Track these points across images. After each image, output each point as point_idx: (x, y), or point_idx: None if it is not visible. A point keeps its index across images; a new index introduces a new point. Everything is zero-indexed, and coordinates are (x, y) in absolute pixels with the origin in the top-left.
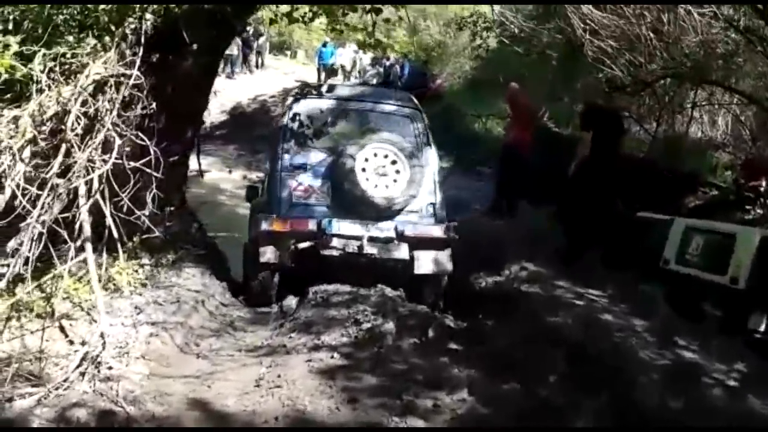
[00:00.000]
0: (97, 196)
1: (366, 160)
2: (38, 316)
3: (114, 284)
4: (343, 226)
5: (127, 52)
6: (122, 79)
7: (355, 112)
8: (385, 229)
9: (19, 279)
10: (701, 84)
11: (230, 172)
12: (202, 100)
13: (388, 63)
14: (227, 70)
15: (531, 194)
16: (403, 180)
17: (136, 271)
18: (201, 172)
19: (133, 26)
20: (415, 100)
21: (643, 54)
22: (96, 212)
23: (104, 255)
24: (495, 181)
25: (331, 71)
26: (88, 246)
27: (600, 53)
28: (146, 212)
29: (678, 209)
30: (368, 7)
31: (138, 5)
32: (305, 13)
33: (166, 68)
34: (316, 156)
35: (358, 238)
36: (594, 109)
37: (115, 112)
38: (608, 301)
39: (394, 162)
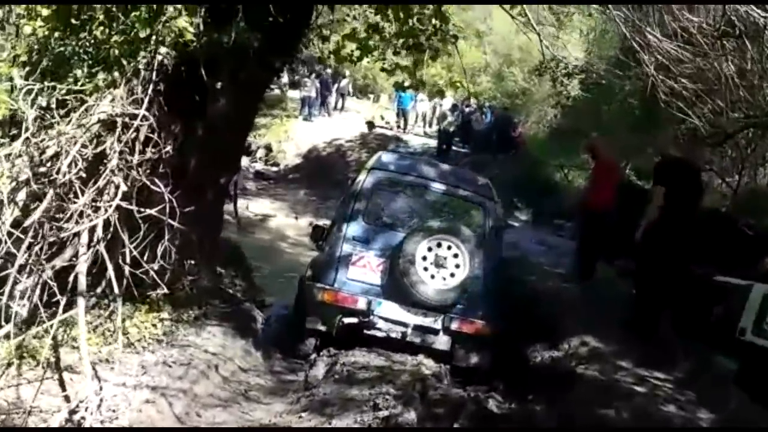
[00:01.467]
0: (101, 245)
1: (429, 249)
2: (40, 365)
3: (127, 338)
4: (391, 310)
5: (139, 89)
6: (129, 119)
7: (429, 193)
8: (433, 319)
9: (27, 323)
10: None
11: (296, 218)
12: (236, 144)
13: (467, 109)
14: (305, 112)
15: (609, 253)
16: (461, 275)
17: (155, 325)
18: (238, 220)
19: (146, 61)
20: (492, 189)
21: (724, 98)
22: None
23: (119, 305)
24: (577, 247)
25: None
26: (80, 301)
27: (673, 96)
28: (155, 265)
29: (757, 271)
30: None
31: (151, 39)
32: (352, 51)
33: (188, 108)
34: (382, 233)
35: (404, 325)
36: (670, 162)
37: (116, 154)
38: (674, 387)
39: (456, 255)
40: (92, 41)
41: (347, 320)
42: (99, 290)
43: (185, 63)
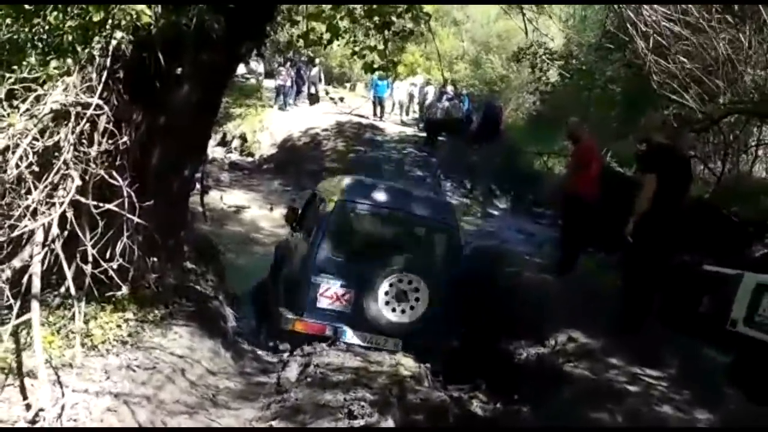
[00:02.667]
0: (57, 243)
1: (391, 285)
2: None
3: (91, 340)
4: (356, 337)
5: (93, 76)
6: (83, 108)
7: (394, 223)
8: (393, 343)
9: None
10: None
11: (271, 209)
12: (200, 133)
13: (444, 97)
14: (279, 101)
15: (594, 243)
16: (421, 307)
17: (119, 326)
18: (205, 213)
19: (100, 46)
20: (455, 215)
21: (722, 78)
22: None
23: (77, 306)
24: (560, 236)
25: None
26: (34, 304)
27: (667, 77)
28: (114, 264)
29: (745, 259)
30: (377, 22)
31: (106, 23)
32: (322, 34)
33: (149, 96)
34: (349, 264)
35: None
36: (659, 149)
37: (71, 146)
38: (668, 384)
39: (416, 289)
40: (46, 27)
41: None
42: (63, 289)
43: (145, 48)
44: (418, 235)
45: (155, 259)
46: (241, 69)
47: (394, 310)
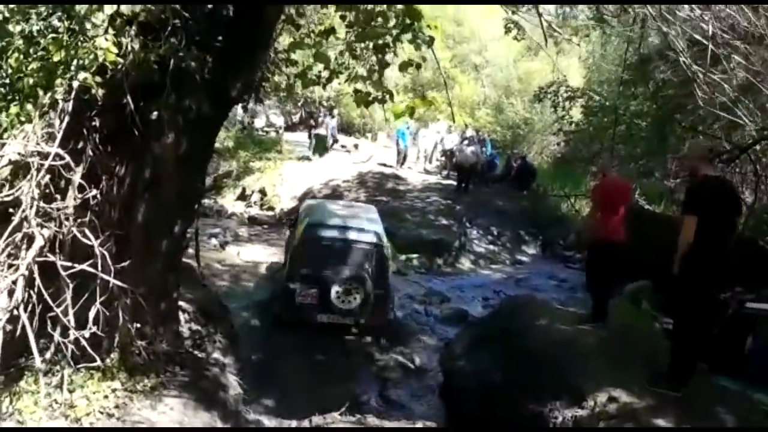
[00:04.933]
0: (20, 308)
1: (339, 287)
2: None
3: (74, 412)
4: (322, 317)
5: (57, 123)
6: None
7: (343, 244)
8: (348, 319)
9: None
10: None
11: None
12: (188, 186)
13: (465, 142)
14: (318, 149)
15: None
16: (360, 299)
17: (107, 396)
18: (202, 274)
19: (63, 89)
20: (382, 236)
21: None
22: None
23: (63, 375)
24: (586, 281)
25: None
26: None
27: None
28: (85, 333)
29: None
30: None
31: (71, 64)
32: (320, 72)
33: (128, 146)
34: (315, 275)
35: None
36: (707, 184)
37: (33, 201)
38: None
39: (356, 288)
40: (7, 72)
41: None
42: (48, 355)
43: (119, 93)
44: (358, 252)
45: (139, 325)
46: (260, 123)
47: (343, 302)
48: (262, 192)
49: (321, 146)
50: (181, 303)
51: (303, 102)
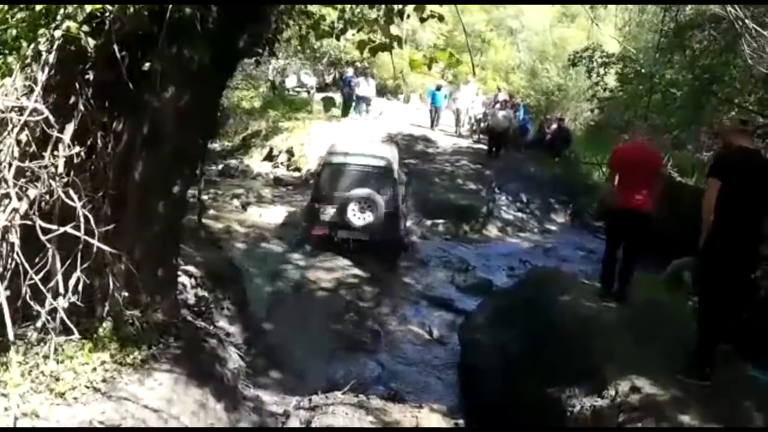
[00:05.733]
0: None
1: (356, 204)
2: None
3: (59, 386)
4: (343, 233)
5: (40, 75)
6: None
7: (359, 170)
8: (363, 234)
9: None
10: None
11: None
12: (189, 145)
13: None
14: (359, 109)
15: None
16: (373, 216)
17: (95, 369)
18: (201, 221)
19: (46, 39)
20: (392, 163)
21: None
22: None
23: (51, 344)
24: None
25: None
26: None
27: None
28: (64, 302)
29: None
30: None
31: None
32: (333, 22)
33: (124, 101)
34: (334, 195)
35: (350, 238)
36: (738, 153)
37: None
38: None
39: (369, 206)
40: None
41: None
42: (39, 324)
43: (113, 44)
44: (372, 175)
45: (132, 293)
46: (291, 83)
47: (359, 218)
48: (290, 152)
49: (359, 107)
50: (188, 267)
51: (336, 62)
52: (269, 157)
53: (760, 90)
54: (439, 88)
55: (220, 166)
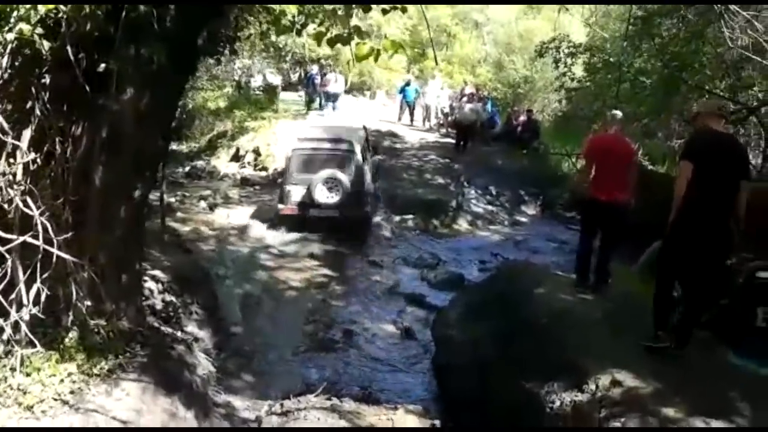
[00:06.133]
0: None
1: (323, 184)
2: None
3: (26, 399)
4: (313, 211)
5: None
6: None
7: (325, 153)
8: (332, 211)
9: None
10: None
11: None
12: (150, 147)
13: (464, 100)
14: (327, 106)
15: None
16: (340, 194)
17: (62, 380)
18: (164, 235)
19: None
20: (355, 145)
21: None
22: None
23: (18, 356)
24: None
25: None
26: None
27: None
28: (24, 314)
29: None
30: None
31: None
32: (294, 16)
33: (81, 104)
34: (304, 177)
35: (321, 215)
36: (710, 135)
37: None
38: None
39: (336, 185)
40: None
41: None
42: (5, 336)
43: (69, 46)
44: (336, 157)
45: (95, 301)
46: (257, 82)
47: (327, 197)
48: (256, 152)
49: (327, 103)
50: (155, 272)
51: (301, 60)
52: (236, 157)
53: (732, 76)
54: (408, 84)
55: (187, 168)
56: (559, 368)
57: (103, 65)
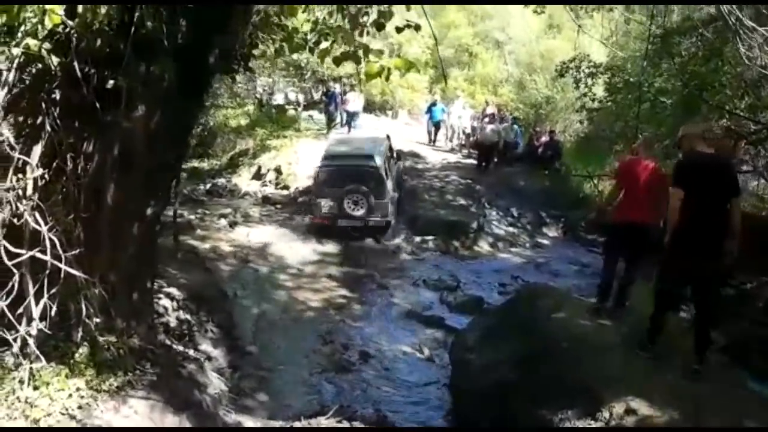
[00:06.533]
0: None
1: (349, 198)
2: None
3: (34, 412)
4: (342, 222)
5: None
6: None
7: (350, 168)
8: (359, 221)
9: None
10: None
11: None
12: (164, 165)
13: (486, 120)
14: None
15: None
16: (366, 207)
17: (71, 395)
18: (177, 242)
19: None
20: (377, 160)
21: None
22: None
23: (26, 370)
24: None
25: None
26: None
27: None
28: (33, 329)
29: None
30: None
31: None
32: (306, 33)
33: (94, 122)
34: (331, 190)
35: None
36: (695, 157)
37: None
38: None
39: (361, 199)
40: None
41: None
42: (15, 349)
43: (80, 62)
44: (361, 173)
45: (107, 317)
46: (279, 99)
47: (353, 210)
48: (278, 170)
49: (349, 122)
50: (170, 289)
51: (323, 79)
52: (257, 175)
53: (751, 95)
54: (435, 104)
55: (208, 186)
56: (574, 395)
57: (112, 82)
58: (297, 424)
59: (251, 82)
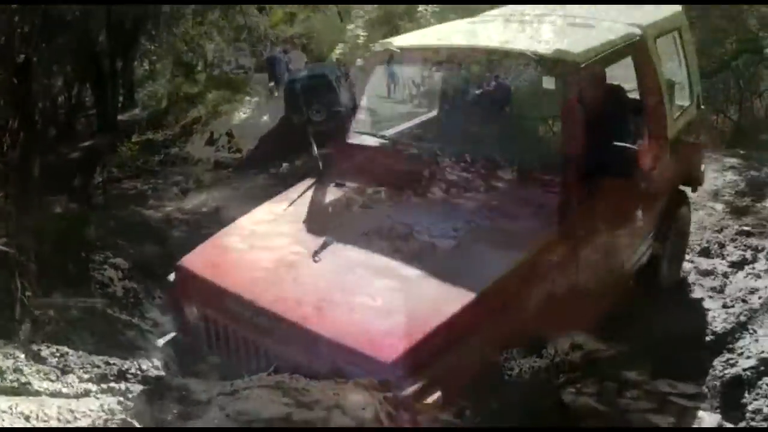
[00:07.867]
0: None
1: (310, 110)
2: None
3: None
4: (309, 128)
5: None
6: None
7: (306, 85)
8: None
9: None
10: None
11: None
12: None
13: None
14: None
15: None
16: (324, 114)
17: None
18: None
19: None
20: (329, 74)
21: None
22: None
23: None
24: None
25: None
26: None
27: None
28: None
29: None
30: None
31: None
32: None
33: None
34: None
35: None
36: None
37: None
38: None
39: (321, 109)
40: None
41: None
42: None
43: None
44: (317, 87)
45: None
46: (231, 65)
47: (316, 116)
48: (229, 134)
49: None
50: (117, 260)
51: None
52: (210, 141)
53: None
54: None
55: (162, 156)
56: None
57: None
58: (237, 382)
59: (200, 49)
